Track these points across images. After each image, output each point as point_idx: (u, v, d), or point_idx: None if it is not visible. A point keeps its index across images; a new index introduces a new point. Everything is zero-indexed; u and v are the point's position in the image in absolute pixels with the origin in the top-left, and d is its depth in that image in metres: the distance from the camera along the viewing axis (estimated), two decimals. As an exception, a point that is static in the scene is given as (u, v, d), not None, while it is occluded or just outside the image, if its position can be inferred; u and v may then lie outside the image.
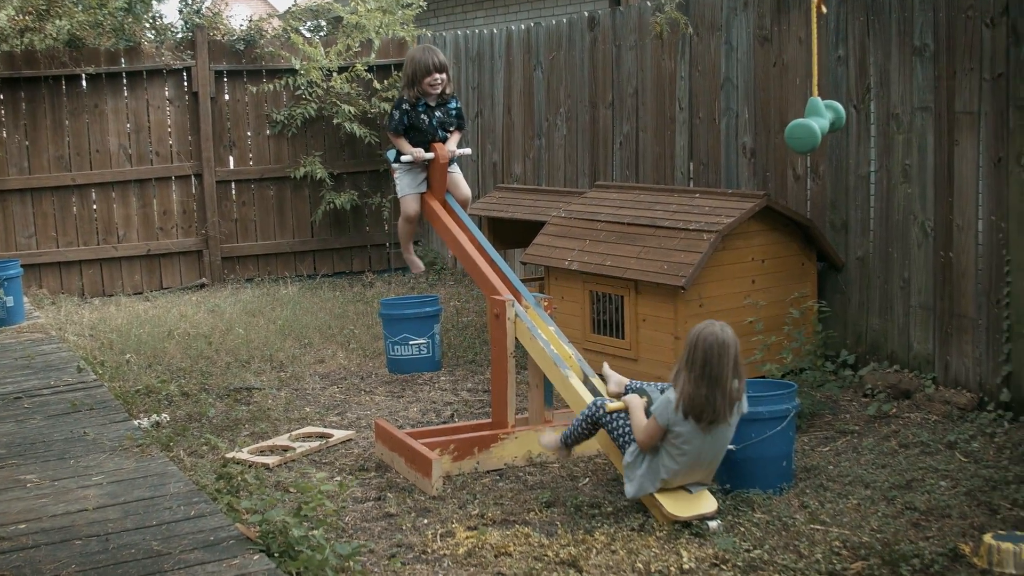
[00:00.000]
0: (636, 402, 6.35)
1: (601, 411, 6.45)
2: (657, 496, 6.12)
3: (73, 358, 9.39)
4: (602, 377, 7.06)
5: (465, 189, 8.27)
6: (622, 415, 6.40)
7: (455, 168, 8.23)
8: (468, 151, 8.45)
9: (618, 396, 6.68)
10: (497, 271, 7.67)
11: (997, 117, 7.65)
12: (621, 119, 11.10)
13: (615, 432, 6.37)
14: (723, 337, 6.02)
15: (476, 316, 11.65)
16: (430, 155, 7.97)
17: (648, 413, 6.26)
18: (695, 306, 8.42)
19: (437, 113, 8.02)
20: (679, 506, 6.08)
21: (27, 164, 13.49)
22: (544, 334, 7.24)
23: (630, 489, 6.20)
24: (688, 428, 6.04)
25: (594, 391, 6.89)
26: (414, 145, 7.97)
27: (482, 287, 7.68)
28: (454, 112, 8.11)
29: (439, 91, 7.96)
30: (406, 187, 8.13)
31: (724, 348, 6.01)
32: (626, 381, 6.87)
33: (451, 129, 8.11)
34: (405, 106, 7.96)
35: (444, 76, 7.92)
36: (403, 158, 8.01)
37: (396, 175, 8.19)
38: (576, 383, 6.87)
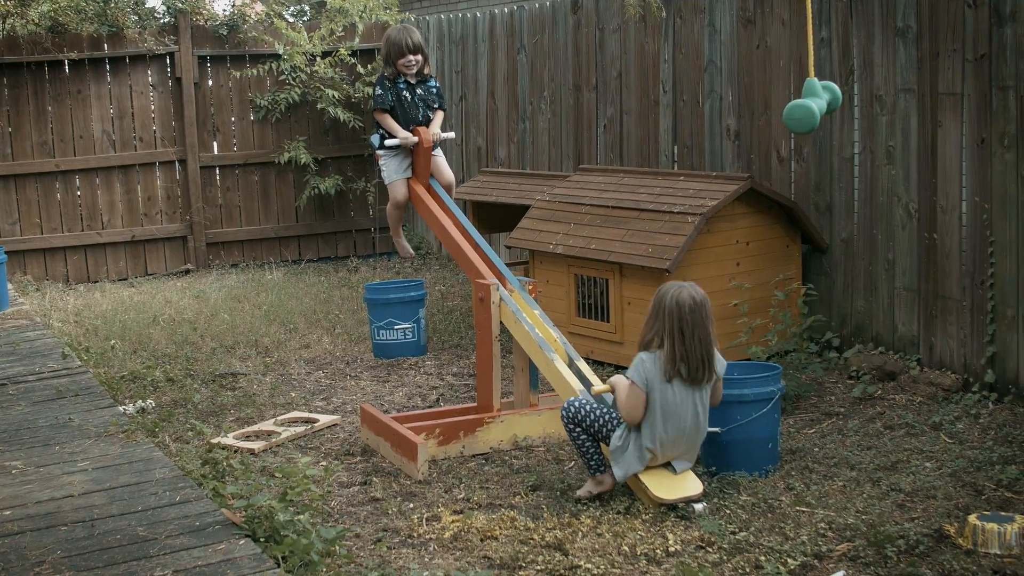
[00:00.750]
0: (622, 380, 6.36)
1: (573, 408, 6.39)
2: (643, 479, 6.12)
3: (58, 344, 9.38)
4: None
5: (448, 173, 8.28)
6: (599, 407, 6.38)
7: (438, 152, 8.27)
8: (452, 135, 8.52)
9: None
10: (482, 255, 7.68)
11: (980, 98, 7.66)
12: (605, 102, 11.09)
13: (597, 423, 6.33)
14: (699, 297, 6.10)
15: (461, 300, 11.65)
16: (413, 139, 8.03)
17: None
18: (680, 289, 8.42)
19: (418, 91, 8.15)
20: (665, 489, 6.08)
21: (10, 150, 13.45)
22: (529, 318, 7.24)
23: (619, 472, 6.20)
24: (669, 390, 6.07)
25: (579, 374, 6.89)
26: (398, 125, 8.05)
27: (467, 271, 7.69)
28: (435, 91, 8.23)
29: (414, 71, 8.11)
30: (392, 173, 8.15)
31: (703, 307, 6.10)
32: None
33: (434, 107, 8.20)
34: (387, 82, 8.09)
35: (419, 57, 8.10)
36: (388, 142, 8.05)
37: (381, 161, 8.23)
38: (561, 366, 6.87)
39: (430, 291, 11.84)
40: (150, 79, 14.01)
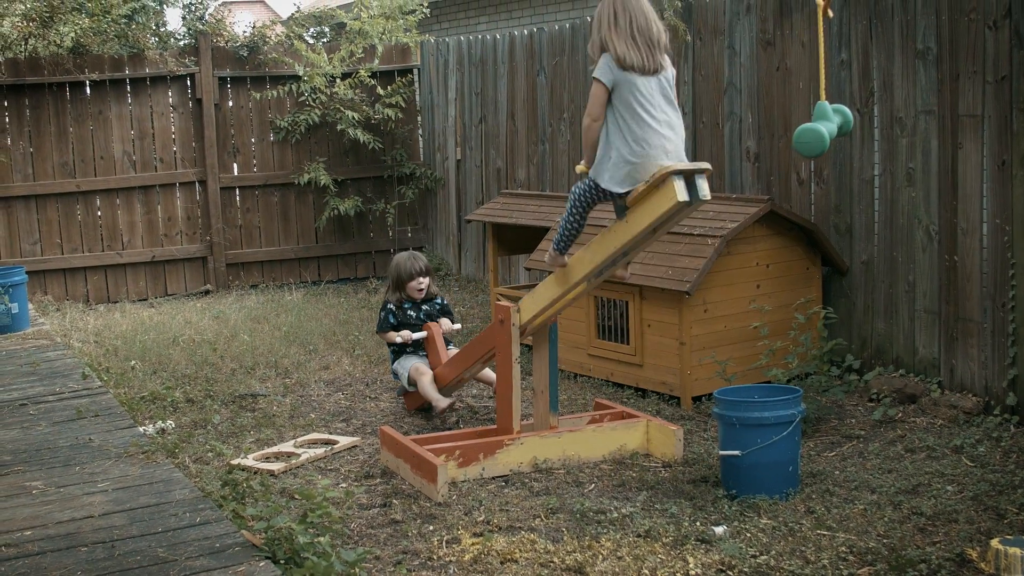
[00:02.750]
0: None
1: (582, 187, 6.61)
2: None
3: (78, 364, 9.39)
4: None
5: None
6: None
7: (451, 346, 8.74)
8: (459, 326, 8.91)
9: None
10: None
11: (1001, 120, 7.64)
12: (625, 124, 11.07)
13: (589, 190, 6.59)
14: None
15: (481, 322, 11.64)
16: (422, 333, 8.61)
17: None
18: (700, 311, 8.42)
19: (424, 307, 8.76)
20: (673, 164, 6.24)
21: (31, 171, 13.51)
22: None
23: (606, 176, 6.42)
24: (632, 78, 6.30)
25: None
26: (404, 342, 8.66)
27: (487, 342, 7.75)
28: (438, 307, 8.82)
29: (423, 294, 8.72)
30: (407, 364, 8.65)
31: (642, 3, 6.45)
32: None
33: (438, 320, 8.76)
34: (391, 306, 8.71)
35: (428, 280, 8.70)
36: (396, 339, 8.62)
37: (399, 368, 8.73)
38: None
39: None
40: (171, 100, 14.06)
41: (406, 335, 8.54)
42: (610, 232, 6.59)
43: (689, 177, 6.20)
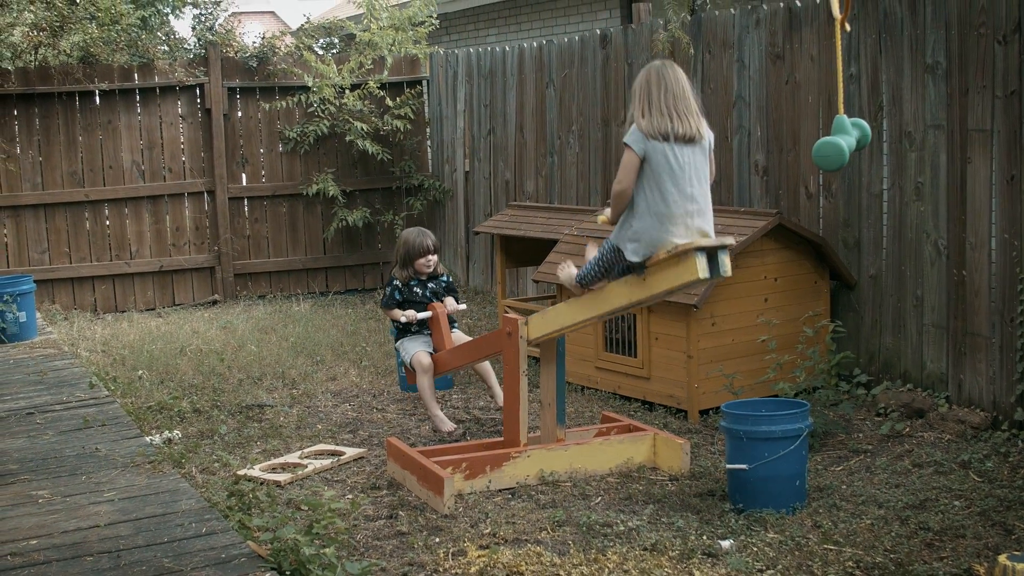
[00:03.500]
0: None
1: (606, 249, 6.62)
2: (669, 250, 6.23)
3: (85, 374, 9.40)
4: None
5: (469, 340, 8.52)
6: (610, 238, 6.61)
7: (455, 326, 8.71)
8: (464, 307, 8.84)
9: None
10: None
11: (1010, 135, 7.64)
12: (633, 137, 11.07)
13: (610, 254, 6.57)
14: (669, 63, 6.44)
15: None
16: (427, 313, 8.51)
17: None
18: (707, 324, 8.41)
19: (430, 284, 8.68)
20: (696, 239, 6.19)
21: (40, 180, 13.53)
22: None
23: (630, 247, 6.37)
24: (663, 148, 6.24)
25: None
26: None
27: (490, 346, 7.76)
28: (444, 284, 8.74)
29: (431, 270, 8.64)
30: (411, 349, 8.59)
31: (673, 68, 6.39)
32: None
33: (443, 298, 8.69)
34: (397, 283, 8.64)
35: (436, 257, 8.64)
36: (401, 319, 8.51)
37: (401, 348, 8.67)
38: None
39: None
40: (180, 110, 14.08)
41: (411, 315, 8.47)
42: (627, 284, 6.55)
43: (712, 253, 6.19)
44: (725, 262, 6.19)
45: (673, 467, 7.31)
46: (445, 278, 8.78)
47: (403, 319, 8.50)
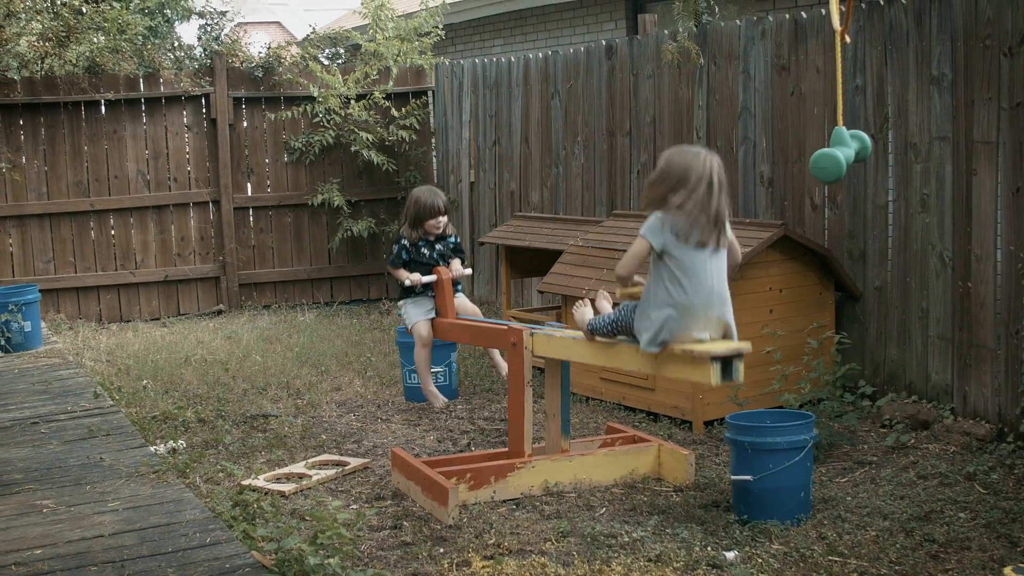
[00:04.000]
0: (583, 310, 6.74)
1: (610, 315, 6.54)
2: (685, 345, 6.11)
3: (90, 383, 9.40)
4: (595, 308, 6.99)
5: (472, 306, 8.59)
6: (630, 304, 6.48)
7: (459, 290, 8.58)
8: (469, 271, 8.71)
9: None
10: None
11: (1016, 147, 7.64)
12: (639, 148, 11.10)
13: (629, 321, 6.43)
14: (714, 160, 6.13)
15: (493, 344, 11.63)
16: (431, 277, 8.35)
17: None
18: (712, 335, 8.39)
19: (437, 246, 8.50)
20: (709, 347, 6.07)
21: (46, 189, 13.54)
22: (559, 333, 7.28)
23: (645, 339, 6.25)
24: (684, 249, 6.08)
25: None
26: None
27: (494, 340, 7.75)
28: (452, 245, 8.56)
29: (440, 231, 8.45)
30: (414, 316, 8.48)
31: (717, 168, 6.11)
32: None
33: (450, 260, 8.53)
34: (405, 242, 8.46)
35: (445, 218, 8.44)
36: (406, 282, 8.38)
37: (403, 309, 8.58)
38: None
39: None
40: (185, 120, 14.10)
41: (415, 279, 8.32)
42: (639, 354, 6.50)
43: (727, 359, 6.14)
44: (739, 369, 6.11)
45: (678, 478, 7.30)
46: (453, 239, 8.58)
47: (407, 282, 8.35)
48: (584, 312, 6.85)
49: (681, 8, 9.78)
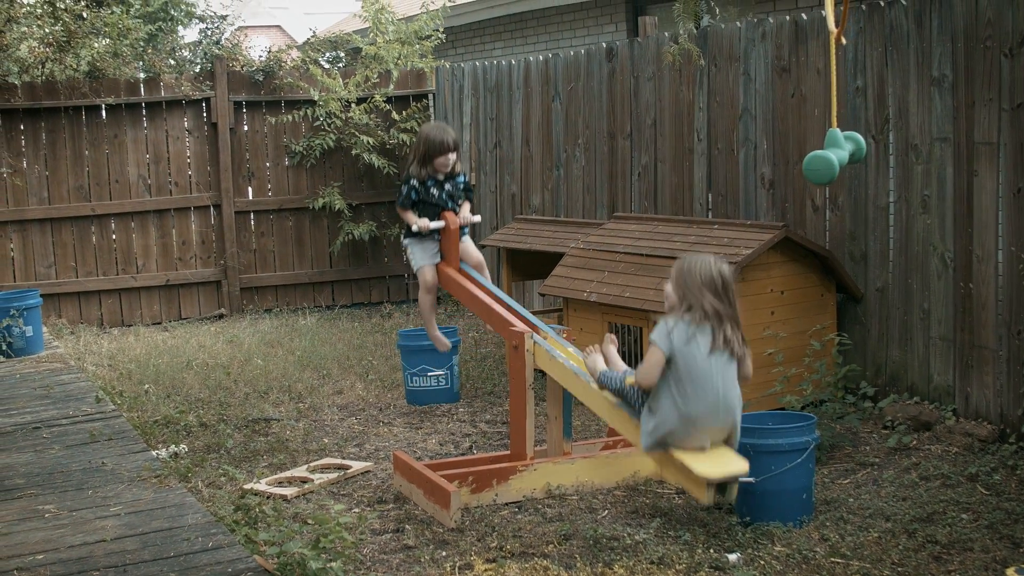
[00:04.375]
0: (595, 357, 6.64)
1: (623, 383, 6.49)
2: (683, 458, 6.09)
3: (92, 388, 9.41)
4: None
5: (476, 254, 8.39)
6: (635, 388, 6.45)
7: (466, 237, 8.39)
8: (478, 218, 8.56)
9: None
10: (513, 311, 7.70)
11: (1016, 147, 7.63)
12: (639, 150, 11.10)
13: (635, 400, 6.40)
14: (726, 268, 6.20)
15: (494, 347, 11.64)
16: (440, 223, 8.17)
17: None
18: (714, 337, 8.39)
19: (446, 186, 8.27)
20: (708, 466, 6.04)
21: (47, 194, 13.54)
22: (563, 352, 7.25)
23: (647, 441, 6.24)
24: (695, 355, 6.08)
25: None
26: (424, 217, 8.20)
27: (498, 327, 7.69)
28: (462, 185, 8.35)
29: (449, 169, 8.23)
30: (419, 259, 8.32)
31: (729, 278, 6.18)
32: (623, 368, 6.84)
33: (460, 201, 8.33)
34: (414, 182, 8.22)
35: (455, 156, 8.20)
36: (413, 228, 8.18)
37: (409, 250, 8.39)
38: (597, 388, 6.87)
39: (463, 338, 11.83)
40: (186, 124, 14.09)
41: (424, 224, 8.13)
42: (634, 436, 6.55)
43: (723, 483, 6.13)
44: (733, 492, 6.14)
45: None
46: (462, 178, 8.39)
47: (415, 227, 8.18)
48: (596, 361, 6.80)
49: (681, 10, 9.76)
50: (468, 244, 8.38)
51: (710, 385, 6.12)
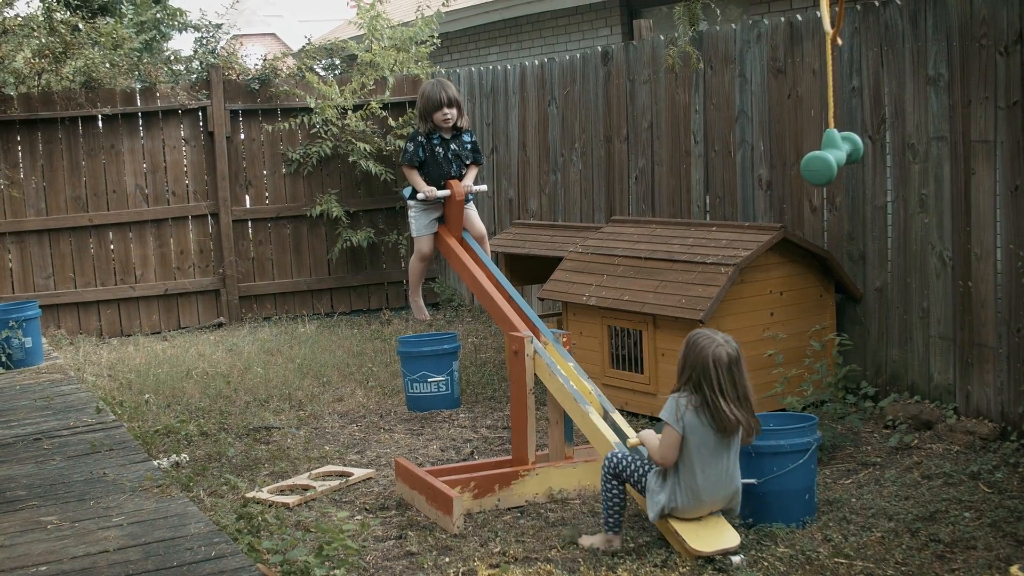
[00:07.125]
0: (650, 433, 6.35)
1: (614, 460, 6.39)
2: (679, 530, 6.09)
3: (92, 399, 9.39)
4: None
5: (480, 226, 8.33)
6: (636, 457, 6.36)
7: (470, 205, 8.30)
8: (484, 188, 8.50)
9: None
10: (515, 307, 7.68)
11: (1013, 145, 7.64)
12: (636, 153, 11.10)
13: (636, 474, 6.33)
14: (733, 353, 6.11)
15: (495, 352, 11.63)
16: (445, 192, 8.06)
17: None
18: (714, 339, 8.39)
19: (452, 146, 8.13)
20: (702, 540, 6.04)
21: (44, 205, 13.54)
22: (563, 370, 7.23)
23: (652, 512, 6.19)
24: (706, 434, 6.05)
25: (614, 427, 6.86)
26: (430, 180, 8.08)
27: (500, 324, 7.68)
28: (469, 145, 8.22)
29: (450, 125, 8.09)
30: (421, 227, 8.24)
31: (738, 363, 6.11)
32: None
33: (467, 163, 8.19)
34: (420, 139, 8.10)
35: (455, 111, 8.06)
36: (418, 196, 8.05)
37: (411, 213, 8.27)
38: (596, 419, 6.86)
39: (463, 343, 11.82)
40: (183, 133, 14.10)
41: (429, 192, 8.03)
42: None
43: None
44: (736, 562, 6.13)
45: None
46: (469, 139, 8.28)
47: (420, 195, 8.08)
48: (586, 540, 6.45)
49: (681, 13, 9.78)
50: (472, 214, 8.34)
51: (720, 463, 6.13)
